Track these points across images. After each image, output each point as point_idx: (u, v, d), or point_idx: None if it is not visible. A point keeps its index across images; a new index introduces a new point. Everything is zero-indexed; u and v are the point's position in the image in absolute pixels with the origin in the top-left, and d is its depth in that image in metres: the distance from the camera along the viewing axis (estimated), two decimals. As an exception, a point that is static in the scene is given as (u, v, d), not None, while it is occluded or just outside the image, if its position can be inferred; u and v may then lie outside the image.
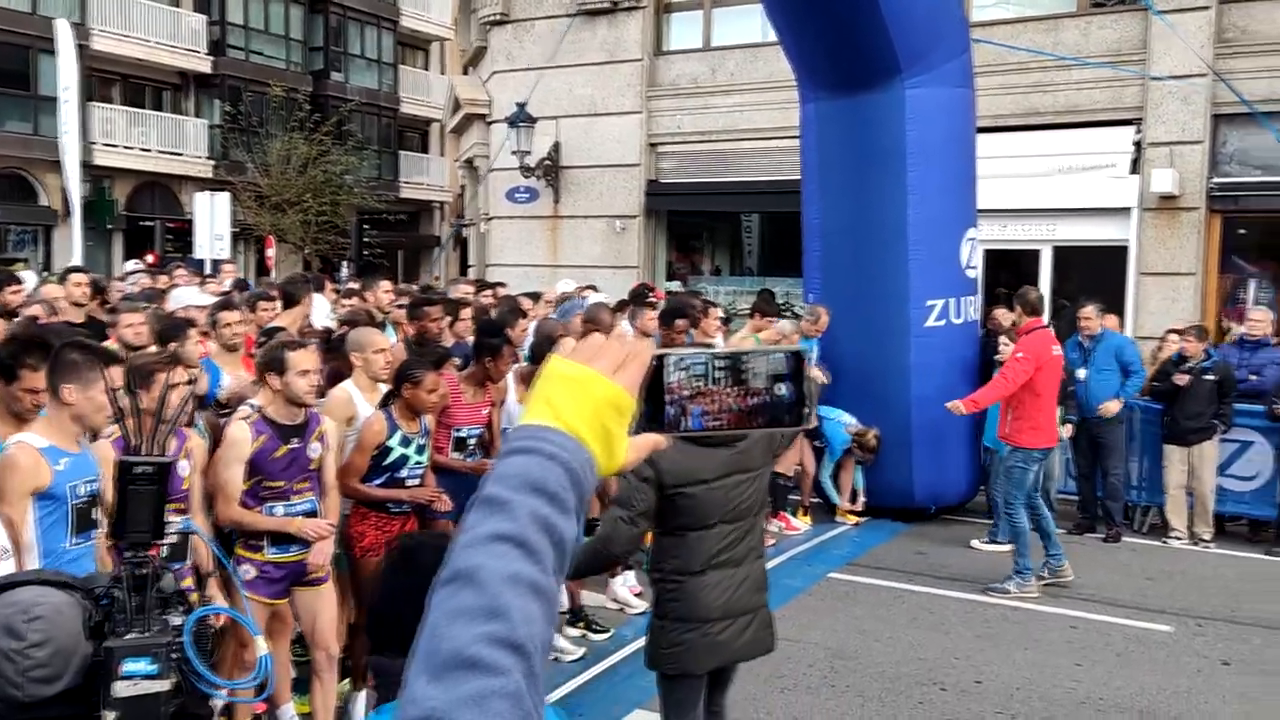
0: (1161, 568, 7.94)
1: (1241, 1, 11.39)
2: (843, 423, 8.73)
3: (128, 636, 1.58)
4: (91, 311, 7.18)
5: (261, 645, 1.92)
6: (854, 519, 8.98)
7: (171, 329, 5.36)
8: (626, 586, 6.71)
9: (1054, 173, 12.10)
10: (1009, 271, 13.22)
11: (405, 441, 4.78)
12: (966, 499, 9.48)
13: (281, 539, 4.27)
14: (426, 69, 35.61)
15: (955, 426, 9.00)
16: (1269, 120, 10.55)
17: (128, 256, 20.96)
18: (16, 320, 6.26)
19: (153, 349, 5.66)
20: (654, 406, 1.06)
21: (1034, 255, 12.48)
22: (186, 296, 6.62)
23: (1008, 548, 7.56)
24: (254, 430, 4.26)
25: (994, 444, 8.26)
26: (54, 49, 17.92)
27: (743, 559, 3.82)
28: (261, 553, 4.28)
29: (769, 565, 7.49)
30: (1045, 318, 7.72)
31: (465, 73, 19.45)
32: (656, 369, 1.05)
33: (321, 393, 4.97)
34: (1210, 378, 8.44)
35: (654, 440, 1.05)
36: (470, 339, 6.38)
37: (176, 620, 1.71)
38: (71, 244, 17.64)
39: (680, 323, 6.88)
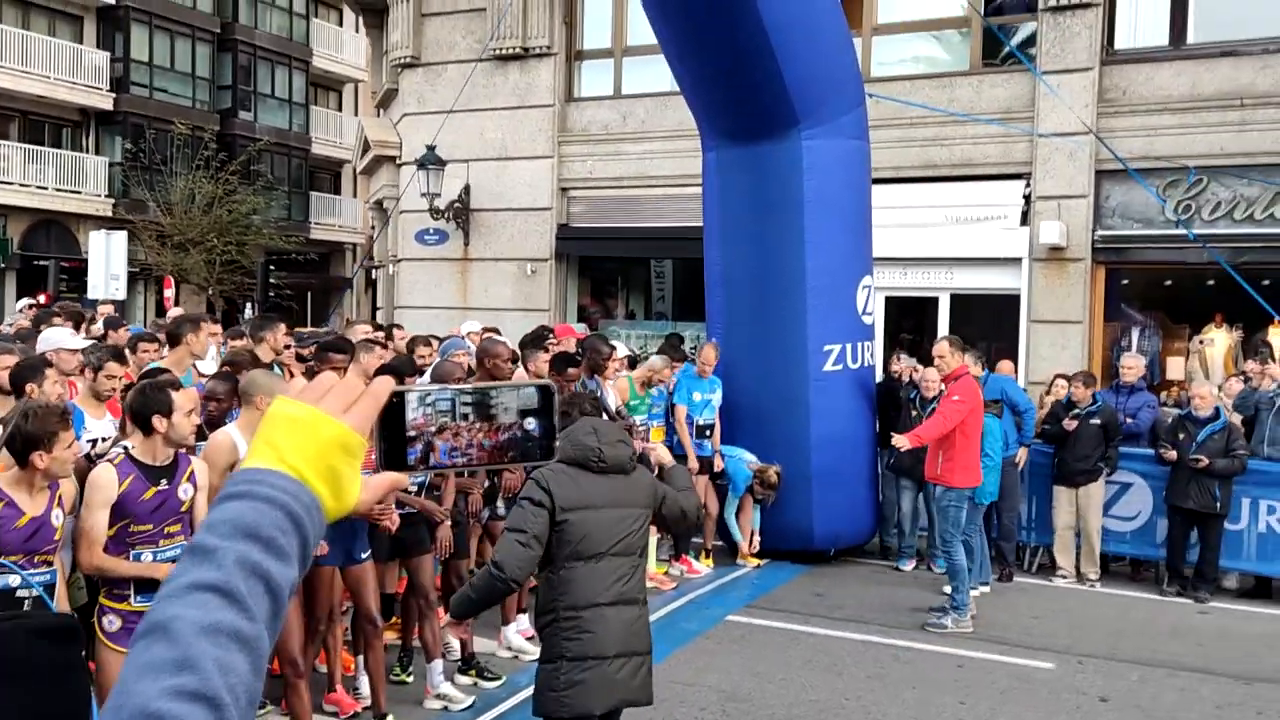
0: (1048, 606, 8.15)
1: (1121, 64, 12.01)
2: (744, 460, 8.82)
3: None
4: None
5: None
6: (755, 561, 9.03)
7: (27, 370, 5.16)
8: (519, 632, 6.62)
9: (950, 223, 12.52)
10: (910, 318, 13.62)
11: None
12: (865, 540, 9.63)
13: (149, 586, 4.10)
14: (340, 109, 35.35)
15: (854, 468, 9.19)
16: (1143, 177, 11.11)
17: (19, 296, 20.18)
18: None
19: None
20: (393, 444, 1.05)
21: (934, 302, 12.85)
22: (57, 338, 6.38)
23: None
24: (119, 472, 4.12)
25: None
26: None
27: (636, 598, 3.85)
28: (127, 602, 4.10)
29: (670, 608, 7.54)
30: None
31: (377, 114, 19.35)
32: (397, 406, 1.05)
33: (202, 435, 4.84)
34: (1096, 421, 8.75)
35: (393, 479, 1.05)
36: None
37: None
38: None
39: (572, 371, 6.88)
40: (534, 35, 14.50)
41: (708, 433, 8.83)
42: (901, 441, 7.74)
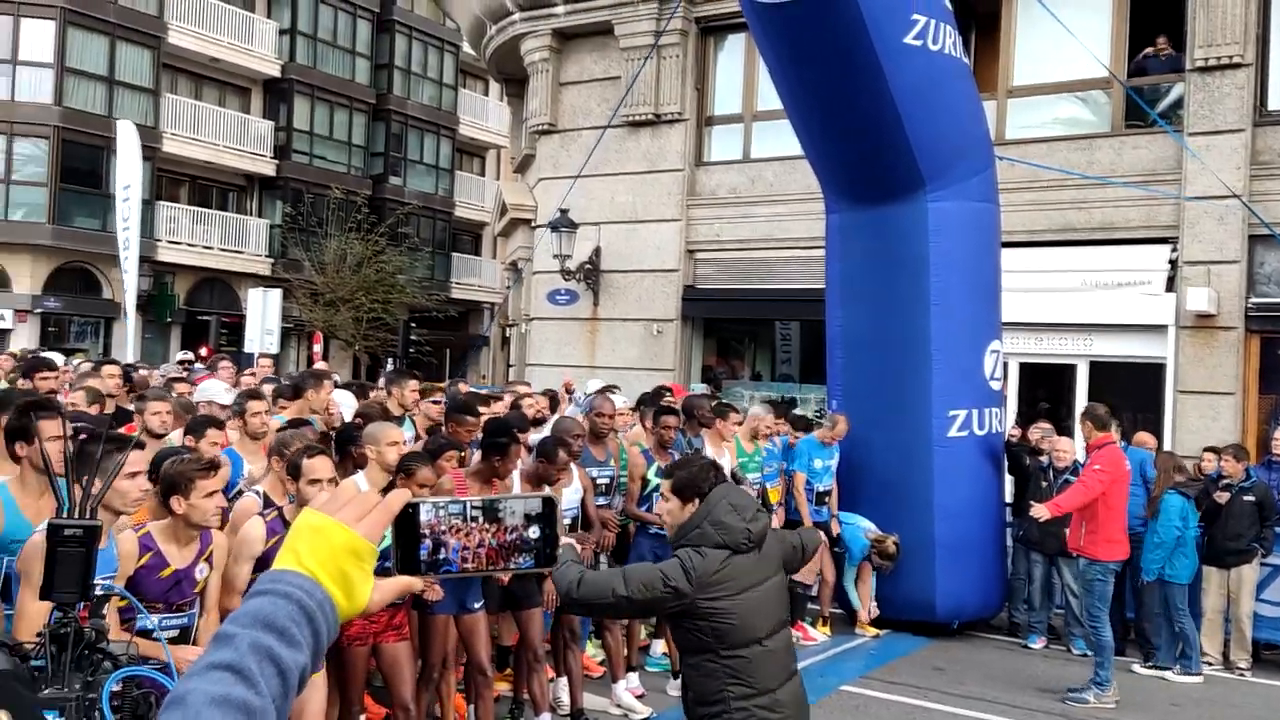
0: (1189, 693, 7.64)
1: (1276, 125, 11.47)
2: (861, 528, 8.65)
3: (45, 692, 1.65)
4: (120, 401, 7.42)
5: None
6: (873, 631, 8.79)
7: (197, 425, 5.58)
8: (629, 690, 6.61)
9: (1089, 288, 12.09)
10: (1046, 386, 13.14)
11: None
12: (991, 614, 9.26)
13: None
14: (482, 174, 36.80)
15: (980, 538, 8.88)
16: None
17: (183, 348, 21.59)
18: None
19: (175, 435, 5.87)
20: (408, 549, 1.16)
21: (1071, 370, 12.39)
22: (213, 390, 6.83)
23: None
24: (268, 530, 4.37)
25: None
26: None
27: (796, 667, 3.69)
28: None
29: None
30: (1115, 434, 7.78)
31: (515, 179, 20.09)
32: (412, 516, 1.15)
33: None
34: (1250, 498, 8.25)
35: (405, 582, 1.17)
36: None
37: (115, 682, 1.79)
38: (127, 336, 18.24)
39: (669, 419, 6.94)
40: (666, 102, 14.85)
41: (825, 499, 8.71)
42: (1040, 511, 7.58)
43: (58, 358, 10.19)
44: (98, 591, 1.82)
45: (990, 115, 11.00)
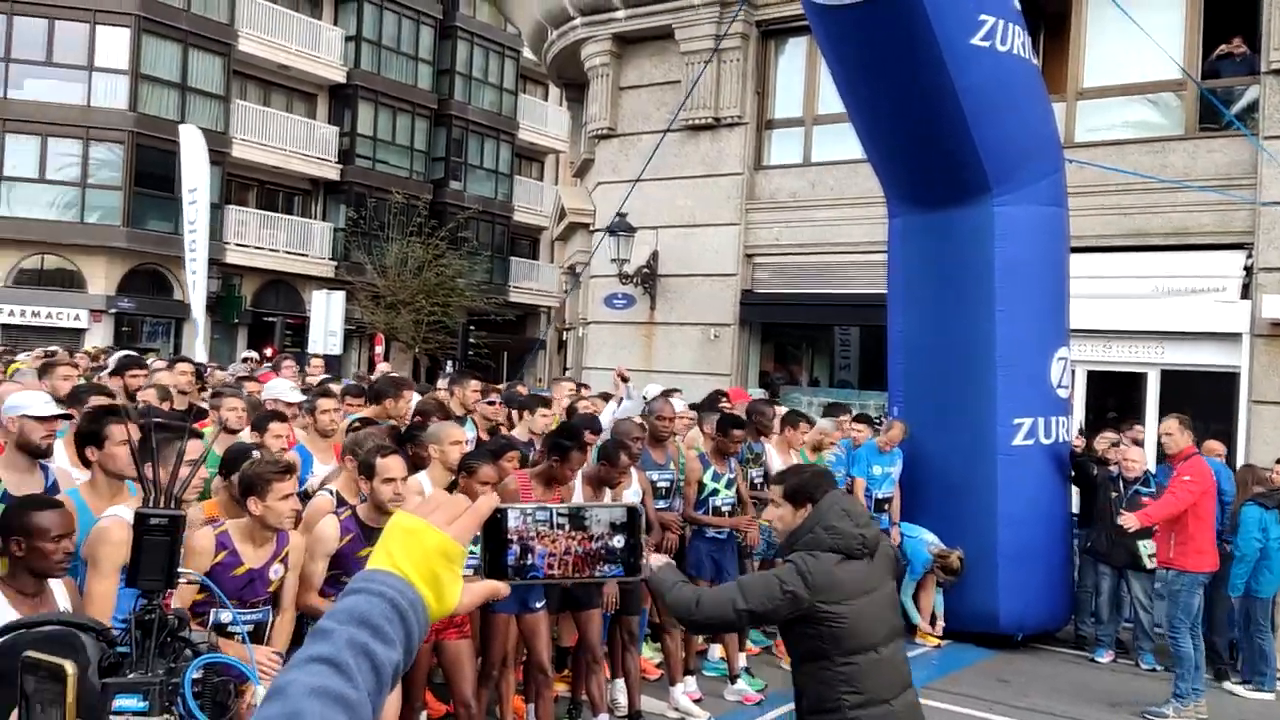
0: (1263, 711, 7.40)
1: (1359, 127, 11.11)
2: (924, 541, 8.52)
3: (130, 676, 1.69)
4: (193, 399, 7.60)
5: (260, 693, 2.00)
6: (934, 641, 8.66)
7: (262, 419, 5.71)
8: (686, 694, 6.59)
9: (1160, 295, 11.80)
10: (1115, 394, 12.85)
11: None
12: (1057, 626, 9.07)
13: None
14: (541, 179, 37.07)
15: (1045, 548, 8.71)
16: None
17: (250, 348, 22.06)
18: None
19: (246, 433, 5.99)
20: (495, 554, 1.18)
21: (1140, 378, 12.11)
22: (279, 389, 6.97)
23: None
24: (341, 528, 4.44)
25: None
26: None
27: (910, 679, 3.64)
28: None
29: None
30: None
31: (574, 184, 20.20)
32: (499, 521, 1.17)
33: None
34: (1327, 512, 7.99)
35: (493, 586, 1.18)
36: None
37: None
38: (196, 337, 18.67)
39: (737, 432, 6.89)
40: (726, 105, 14.81)
41: (885, 506, 8.60)
42: (1130, 521, 7.48)
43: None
44: (182, 581, 1.86)
45: (1059, 117, 10.80)
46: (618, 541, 1.20)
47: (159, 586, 1.78)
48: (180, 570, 1.82)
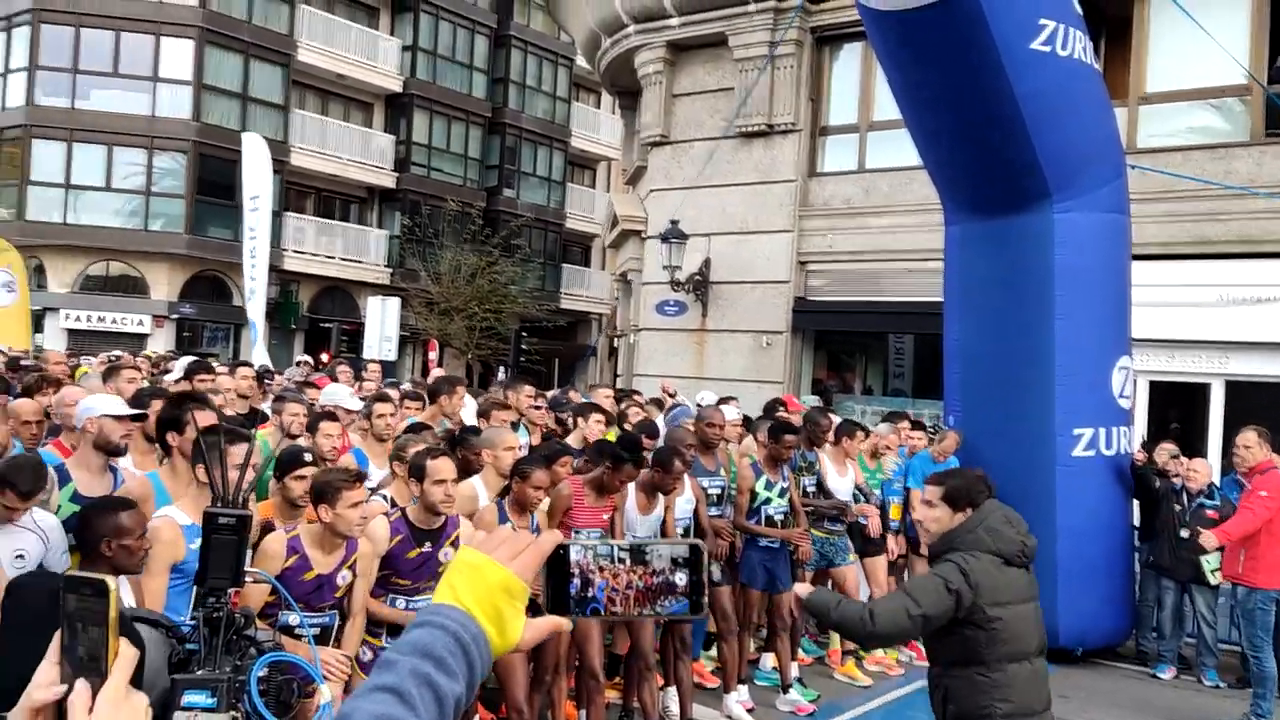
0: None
1: None
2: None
3: (198, 673, 1.72)
4: (254, 402, 7.73)
5: (325, 693, 2.02)
6: (992, 655, 8.52)
7: (314, 419, 5.80)
8: (740, 702, 6.55)
9: (1226, 304, 11.53)
10: (1178, 405, 12.56)
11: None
12: (1118, 642, 8.87)
13: (398, 631, 4.41)
14: (593, 186, 37.25)
15: (1106, 561, 8.53)
16: None
17: (306, 353, 22.41)
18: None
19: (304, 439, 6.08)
20: (558, 589, 1.18)
21: (1205, 389, 11.84)
22: (337, 394, 7.07)
23: None
24: (391, 529, 4.49)
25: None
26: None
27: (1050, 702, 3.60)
28: (380, 639, 4.47)
29: (900, 693, 7.24)
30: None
31: (626, 191, 20.25)
32: (562, 556, 1.18)
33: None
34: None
35: (555, 622, 1.19)
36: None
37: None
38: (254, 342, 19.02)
39: (789, 438, 6.85)
40: (779, 113, 14.76)
41: (941, 516, 8.47)
42: (1210, 540, 7.32)
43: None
44: (249, 581, 1.89)
45: (1121, 123, 10.59)
46: (679, 578, 1.20)
47: (227, 584, 1.81)
48: (247, 569, 1.85)
